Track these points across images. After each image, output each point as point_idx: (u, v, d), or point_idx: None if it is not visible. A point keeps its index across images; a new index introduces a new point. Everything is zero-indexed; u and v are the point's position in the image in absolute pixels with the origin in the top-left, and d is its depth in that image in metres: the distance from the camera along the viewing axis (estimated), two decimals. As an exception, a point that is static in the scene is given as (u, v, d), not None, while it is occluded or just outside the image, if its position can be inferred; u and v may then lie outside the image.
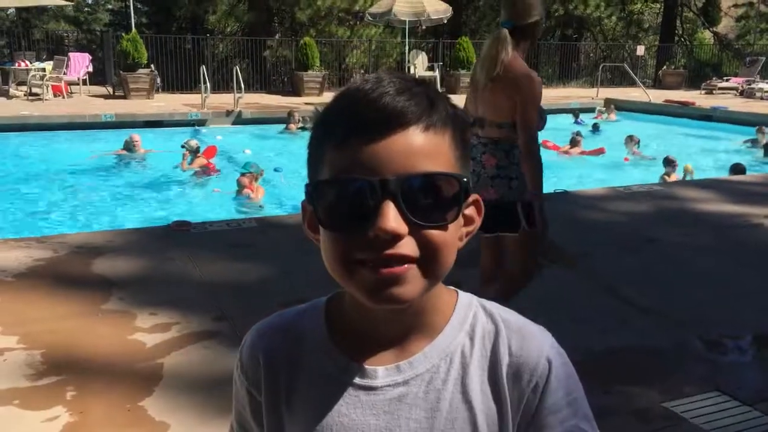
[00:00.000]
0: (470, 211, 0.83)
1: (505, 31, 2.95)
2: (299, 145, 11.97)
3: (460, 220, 0.80)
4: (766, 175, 8.90)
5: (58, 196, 8.43)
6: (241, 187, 8.01)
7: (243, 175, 8.11)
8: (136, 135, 10.62)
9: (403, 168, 0.73)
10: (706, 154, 12.05)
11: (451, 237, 0.77)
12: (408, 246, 0.73)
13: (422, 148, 0.74)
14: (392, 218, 0.72)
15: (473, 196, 0.82)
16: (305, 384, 0.84)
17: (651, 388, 3.00)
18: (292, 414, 0.84)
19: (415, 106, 0.74)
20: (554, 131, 12.45)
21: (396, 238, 0.72)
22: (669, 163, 9.25)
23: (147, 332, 3.46)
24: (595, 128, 13.98)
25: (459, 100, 1.37)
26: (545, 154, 10.65)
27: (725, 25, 29.83)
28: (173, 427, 2.64)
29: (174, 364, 3.14)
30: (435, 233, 0.75)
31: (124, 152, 10.41)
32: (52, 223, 7.29)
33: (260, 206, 7.73)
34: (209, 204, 8.03)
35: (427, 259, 0.75)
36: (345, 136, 0.74)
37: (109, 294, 3.94)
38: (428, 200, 0.74)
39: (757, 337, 3.63)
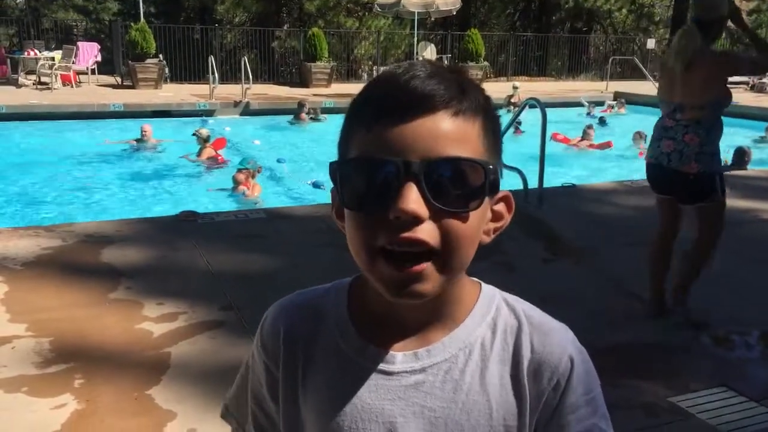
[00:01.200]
0: (500, 207, 0.82)
1: (693, 25, 3.48)
2: (308, 136, 12.00)
3: (486, 213, 0.79)
4: (775, 171, 8.83)
5: (66, 185, 8.46)
6: (236, 183, 7.71)
7: (239, 171, 7.82)
8: (147, 125, 10.64)
9: (428, 151, 0.72)
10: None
11: (473, 229, 0.76)
12: (427, 232, 0.72)
13: (450, 133, 0.73)
14: (413, 200, 0.70)
15: (503, 192, 0.80)
16: (322, 363, 0.84)
17: (658, 383, 3.00)
18: (307, 392, 0.84)
19: (444, 90, 0.74)
20: (565, 124, 12.42)
21: (416, 221, 0.71)
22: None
23: (154, 321, 3.48)
24: (602, 122, 13.89)
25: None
26: (554, 147, 10.54)
27: (737, 19, 29.52)
28: (180, 416, 2.66)
29: (181, 354, 3.16)
30: (455, 222, 0.73)
31: (134, 142, 10.44)
32: (59, 212, 7.32)
33: (256, 203, 7.45)
34: (208, 197, 7.95)
35: (446, 250, 0.73)
36: (373, 117, 0.74)
37: (117, 283, 3.95)
38: (452, 186, 0.73)
39: (763, 334, 3.62)
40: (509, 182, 6.38)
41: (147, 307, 3.64)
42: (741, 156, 9.01)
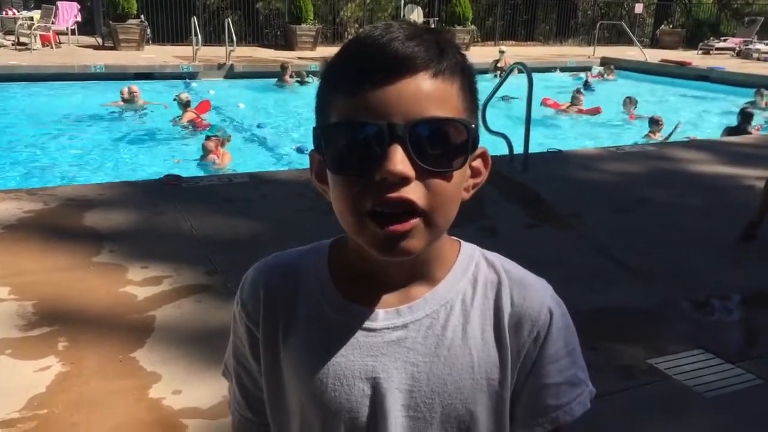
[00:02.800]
0: (477, 163, 0.83)
1: None
2: (293, 100, 11.89)
3: (467, 170, 0.80)
4: (759, 137, 8.90)
5: (48, 148, 8.35)
6: (206, 152, 7.40)
7: (209, 138, 7.49)
8: (135, 86, 10.51)
9: (411, 113, 0.73)
10: (702, 115, 12.02)
11: (456, 187, 0.77)
12: (413, 192, 0.73)
13: (431, 93, 0.74)
14: (399, 161, 0.71)
15: (480, 149, 0.81)
16: (303, 322, 0.85)
17: (637, 345, 3.05)
18: (288, 351, 0.85)
19: (424, 52, 0.74)
20: (554, 89, 12.38)
21: (403, 182, 0.72)
22: (655, 122, 9.40)
23: (138, 285, 3.47)
24: (586, 86, 13.81)
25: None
26: (544, 113, 10.60)
27: (725, -16, 29.38)
28: (165, 378, 2.67)
29: (166, 317, 3.16)
30: (440, 182, 0.75)
31: (123, 103, 10.32)
32: (41, 175, 7.23)
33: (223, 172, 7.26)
34: (178, 168, 7.78)
35: (432, 209, 0.74)
36: (354, 81, 0.74)
37: (101, 247, 3.93)
38: (436, 145, 0.74)
39: (741, 298, 3.68)
40: (496, 148, 6.39)
41: (131, 271, 3.63)
42: (745, 118, 9.03)
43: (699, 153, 7.06)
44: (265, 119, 10.26)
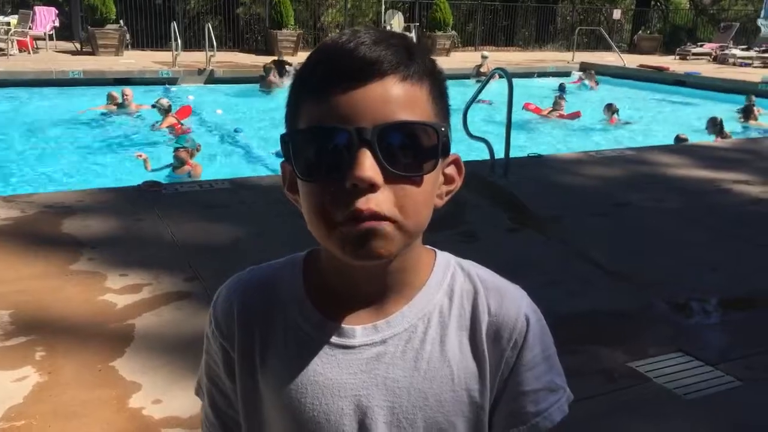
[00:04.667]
0: (450, 170, 0.82)
1: None
2: (273, 106, 11.85)
3: (439, 177, 0.79)
4: (736, 141, 9.03)
5: (25, 154, 8.24)
6: (180, 162, 7.14)
7: (181, 149, 7.21)
8: (128, 89, 10.48)
9: (379, 117, 0.72)
10: (678, 119, 12.15)
11: (427, 193, 0.76)
12: (383, 201, 0.72)
13: (399, 97, 0.73)
14: (368, 167, 0.70)
15: (453, 155, 0.81)
16: (281, 340, 0.83)
17: (617, 348, 3.07)
18: (266, 370, 0.83)
19: (392, 55, 0.74)
20: (534, 96, 12.46)
21: (372, 187, 0.71)
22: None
23: (117, 293, 3.43)
24: (562, 89, 13.88)
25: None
26: (526, 117, 10.68)
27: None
28: (145, 387, 2.64)
29: (145, 325, 3.13)
30: (410, 188, 0.74)
31: (115, 108, 10.25)
32: (18, 182, 7.14)
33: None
34: (154, 176, 7.68)
35: (402, 213, 0.73)
36: (321, 86, 0.73)
37: (79, 254, 3.89)
38: (405, 149, 0.73)
39: (720, 301, 3.72)
40: (477, 153, 6.42)
41: (110, 279, 3.59)
42: (714, 125, 9.19)
43: (678, 157, 7.14)
44: (245, 125, 10.22)
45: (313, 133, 0.74)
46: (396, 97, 0.73)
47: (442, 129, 0.75)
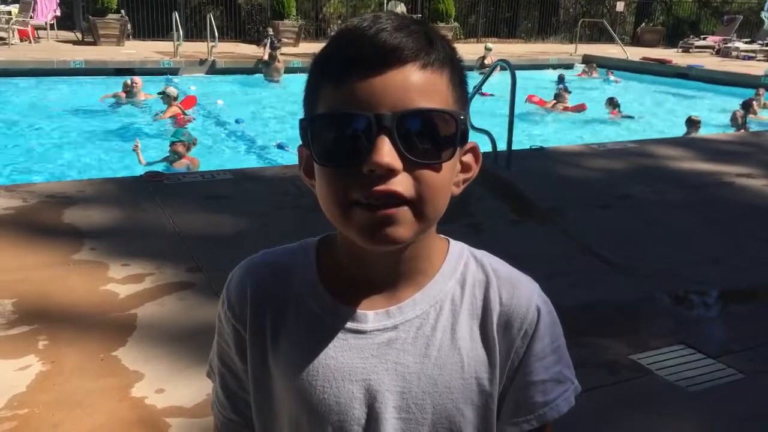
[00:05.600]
0: (468, 158, 0.82)
1: None
2: (275, 97, 11.84)
3: (456, 164, 0.80)
4: (738, 135, 9.01)
5: (26, 144, 8.23)
6: (178, 156, 7.02)
7: (178, 143, 7.08)
8: (138, 78, 10.47)
9: (399, 104, 0.72)
10: (681, 112, 12.11)
11: (445, 179, 0.76)
12: (401, 184, 0.72)
13: (419, 85, 0.73)
14: (386, 153, 0.71)
15: (471, 143, 0.81)
16: (293, 323, 0.83)
17: (619, 341, 3.07)
18: (277, 352, 0.84)
19: (413, 42, 0.73)
20: (538, 88, 12.41)
21: (390, 173, 0.71)
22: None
23: (120, 283, 3.43)
24: (561, 80, 13.82)
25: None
26: (530, 110, 10.66)
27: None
28: (147, 376, 2.65)
29: (148, 315, 3.13)
30: (429, 173, 0.74)
31: (123, 94, 10.25)
32: (21, 172, 7.13)
33: None
34: (155, 166, 7.67)
35: (420, 200, 0.74)
36: (341, 72, 0.73)
37: (81, 244, 3.89)
38: (424, 137, 0.73)
39: (722, 293, 3.72)
40: (480, 145, 6.40)
41: (112, 269, 3.59)
42: (690, 125, 9.22)
43: (680, 150, 7.13)
44: (247, 115, 10.20)
45: (332, 119, 0.74)
46: (416, 85, 0.73)
47: (461, 117, 0.76)
